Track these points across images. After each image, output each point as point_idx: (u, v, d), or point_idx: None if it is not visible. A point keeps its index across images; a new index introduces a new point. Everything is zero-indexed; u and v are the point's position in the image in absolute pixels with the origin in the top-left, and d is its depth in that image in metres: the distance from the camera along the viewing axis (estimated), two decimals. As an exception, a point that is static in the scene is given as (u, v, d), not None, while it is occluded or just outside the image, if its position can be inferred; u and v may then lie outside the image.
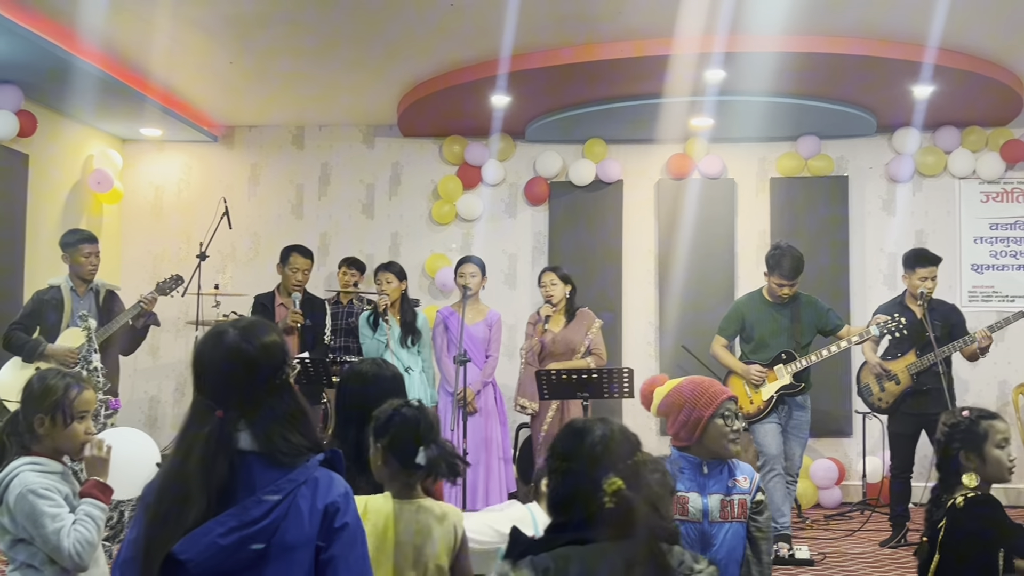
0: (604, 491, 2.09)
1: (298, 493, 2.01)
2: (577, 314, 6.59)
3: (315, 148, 8.96)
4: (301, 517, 2.00)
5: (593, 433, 2.23)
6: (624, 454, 2.21)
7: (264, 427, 2.05)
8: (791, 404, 6.14)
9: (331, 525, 2.03)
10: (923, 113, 7.79)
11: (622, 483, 2.09)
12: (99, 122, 8.36)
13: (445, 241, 8.75)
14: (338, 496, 2.06)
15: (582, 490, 2.14)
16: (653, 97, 7.38)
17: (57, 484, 2.97)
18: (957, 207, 8.35)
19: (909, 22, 6.27)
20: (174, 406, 8.83)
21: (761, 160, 8.57)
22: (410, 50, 6.87)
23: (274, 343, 2.13)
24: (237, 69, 7.30)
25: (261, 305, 6.80)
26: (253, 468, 2.03)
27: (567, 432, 2.29)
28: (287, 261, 6.81)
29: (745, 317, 6.34)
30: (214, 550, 1.94)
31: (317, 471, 2.06)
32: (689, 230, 8.40)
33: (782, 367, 6.13)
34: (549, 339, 6.50)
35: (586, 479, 2.14)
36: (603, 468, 2.14)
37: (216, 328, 2.16)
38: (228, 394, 2.07)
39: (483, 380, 6.65)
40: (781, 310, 6.25)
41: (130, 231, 8.98)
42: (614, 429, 2.26)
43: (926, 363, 6.21)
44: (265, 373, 2.09)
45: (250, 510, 1.97)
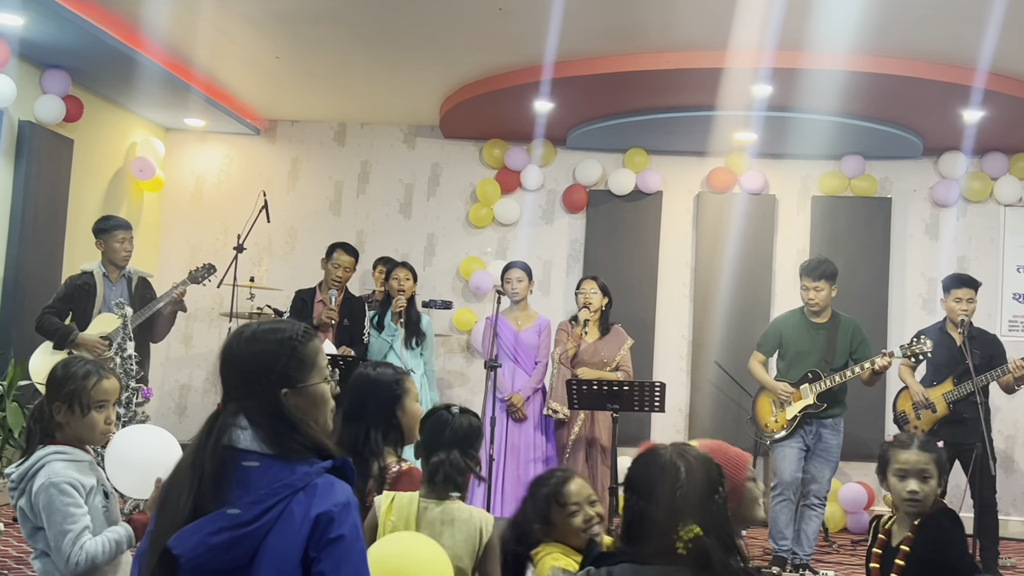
0: (680, 536, 2.04)
1: (294, 499, 1.95)
2: (612, 330, 6.56)
3: (356, 145, 8.98)
4: (293, 523, 1.94)
5: (673, 475, 2.13)
6: (705, 495, 2.12)
7: (258, 426, 2.01)
8: (820, 427, 6.07)
9: (324, 536, 1.95)
10: (971, 138, 7.67)
11: (699, 530, 2.04)
12: (144, 110, 8.44)
13: (481, 244, 8.73)
14: (334, 506, 1.97)
15: (656, 531, 2.08)
16: (698, 109, 7.33)
17: (82, 477, 2.94)
18: (1001, 234, 8.21)
19: (960, 45, 6.17)
20: (204, 395, 8.88)
21: (804, 178, 8.48)
22: (456, 52, 6.86)
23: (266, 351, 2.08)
24: (283, 64, 7.33)
25: (300, 300, 6.83)
26: (253, 468, 1.99)
27: (647, 465, 2.20)
28: (331, 257, 6.84)
29: (783, 334, 6.31)
30: (203, 548, 1.91)
31: (320, 477, 2.00)
32: (727, 245, 8.32)
33: (807, 387, 6.09)
34: (583, 348, 6.47)
35: (661, 522, 2.08)
36: (681, 514, 2.07)
37: (241, 326, 2.17)
38: (228, 388, 2.08)
39: (533, 386, 6.63)
40: (818, 329, 6.19)
41: (169, 220, 9.04)
42: (695, 468, 2.15)
43: (963, 392, 6.11)
44: (250, 375, 2.05)
45: (242, 511, 1.93)
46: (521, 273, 6.74)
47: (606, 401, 5.83)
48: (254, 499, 1.95)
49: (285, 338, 2.10)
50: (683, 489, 2.10)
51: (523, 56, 6.84)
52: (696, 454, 2.20)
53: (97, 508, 2.96)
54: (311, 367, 2.11)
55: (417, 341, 6.63)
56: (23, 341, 6.40)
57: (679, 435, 8.35)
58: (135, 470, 3.10)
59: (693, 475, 2.13)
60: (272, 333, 2.11)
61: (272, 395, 2.05)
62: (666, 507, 2.09)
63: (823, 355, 6.14)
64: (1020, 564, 6.72)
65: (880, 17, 5.74)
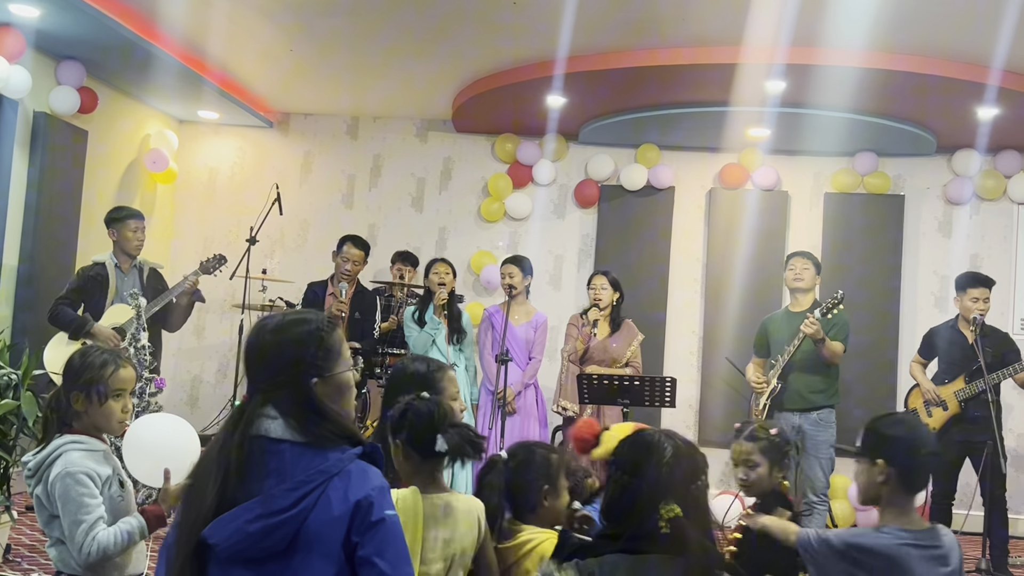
0: (661, 515, 2.09)
1: (330, 485, 1.98)
2: (623, 325, 6.55)
3: (368, 139, 8.99)
4: (330, 509, 1.97)
5: (661, 452, 2.19)
6: (688, 478, 2.18)
7: (289, 415, 2.04)
8: (805, 423, 6.06)
9: (365, 520, 1.98)
10: (985, 135, 7.64)
11: (680, 511, 2.09)
12: (158, 102, 8.46)
13: (492, 239, 8.74)
14: (372, 490, 2.01)
15: (639, 508, 2.13)
16: (711, 105, 7.32)
17: (98, 467, 2.96)
18: (1015, 233, 8.19)
19: (975, 43, 6.15)
20: (216, 387, 8.92)
21: (816, 174, 8.46)
22: (469, 46, 6.87)
23: (295, 337, 2.10)
24: (296, 57, 7.34)
25: (312, 293, 6.86)
26: (285, 456, 2.02)
27: (634, 443, 2.26)
28: (340, 250, 6.87)
29: (768, 331, 6.38)
30: (240, 536, 1.94)
31: (352, 463, 2.03)
32: (739, 241, 8.32)
33: (771, 373, 6.14)
34: (593, 344, 6.47)
35: (645, 499, 2.13)
36: (664, 491, 2.12)
37: (265, 316, 2.21)
38: (254, 379, 2.11)
39: (524, 382, 6.64)
40: (794, 318, 6.21)
41: (182, 212, 9.08)
42: (682, 450, 2.21)
43: (975, 390, 6.10)
44: (278, 366, 2.08)
45: (278, 499, 1.96)
46: (514, 268, 6.73)
47: (616, 396, 5.83)
48: (290, 486, 1.97)
49: (313, 328, 2.13)
50: (668, 467, 2.17)
51: (536, 50, 6.84)
52: (684, 440, 2.27)
53: (113, 498, 2.98)
54: (337, 356, 2.15)
55: (459, 337, 6.63)
56: (37, 331, 6.43)
57: (688, 431, 8.35)
58: (153, 458, 3.11)
59: (679, 457, 2.20)
60: (299, 324, 2.13)
61: (303, 384, 2.07)
62: (651, 483, 2.15)
63: (789, 339, 6.14)
64: (1030, 563, 6.70)
65: (894, 14, 5.72)
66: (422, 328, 6.58)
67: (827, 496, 6.11)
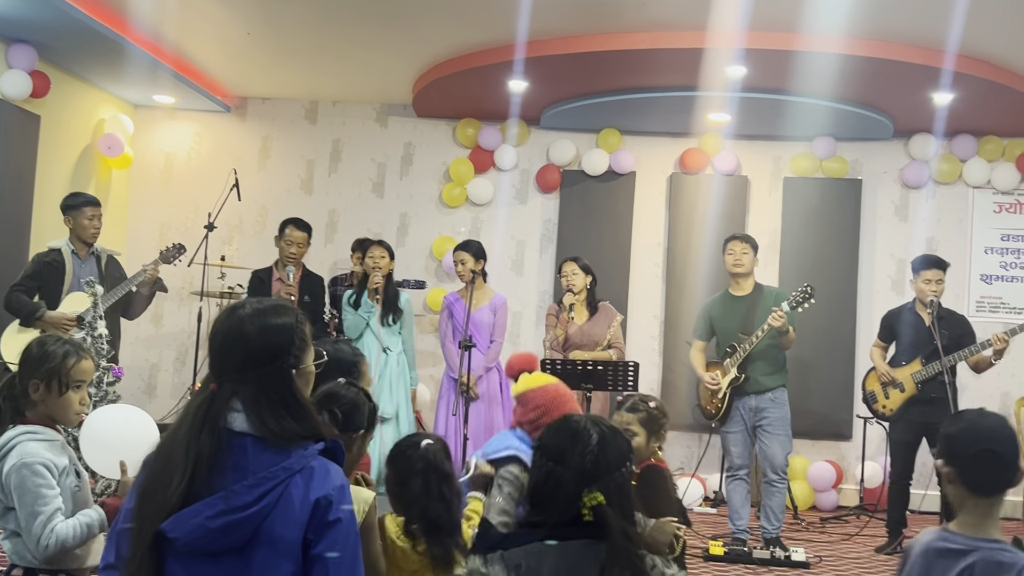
0: (584, 503, 2.09)
1: (291, 482, 1.96)
2: (600, 308, 6.57)
3: (327, 124, 8.91)
4: (292, 507, 1.95)
5: (586, 441, 2.18)
6: (612, 466, 2.18)
7: (257, 409, 2.01)
8: (758, 402, 6.12)
9: (323, 519, 1.97)
10: (941, 120, 7.74)
11: (603, 499, 2.09)
12: (112, 86, 8.31)
13: (454, 224, 8.71)
14: (332, 489, 1.99)
15: (562, 494, 2.13)
16: (672, 90, 7.34)
17: (54, 458, 2.91)
18: (970, 216, 8.31)
19: (931, 28, 6.21)
20: (174, 375, 8.82)
21: (776, 159, 8.52)
22: (429, 30, 6.81)
23: (279, 329, 2.07)
24: (254, 40, 7.24)
25: (258, 279, 6.74)
26: (248, 450, 1.99)
27: (560, 431, 2.25)
28: (283, 233, 6.77)
29: (711, 315, 6.41)
30: (202, 532, 1.92)
31: (315, 460, 2.01)
32: (700, 225, 8.36)
33: (728, 361, 6.17)
34: (573, 330, 6.47)
35: (569, 485, 2.13)
36: (587, 479, 2.12)
37: (235, 302, 2.15)
38: (223, 369, 2.05)
39: (486, 365, 6.62)
40: (739, 302, 6.27)
41: (138, 198, 8.94)
42: (608, 437, 2.21)
43: (931, 372, 6.18)
44: (260, 356, 2.04)
45: (240, 495, 1.93)
46: (463, 254, 6.71)
47: (580, 380, 5.83)
48: (252, 483, 1.95)
49: (293, 318, 2.11)
50: (593, 455, 2.16)
51: (497, 35, 6.81)
52: (610, 426, 2.26)
53: (69, 488, 2.94)
54: (309, 348, 2.13)
55: (394, 318, 6.59)
56: (-10, 319, 6.31)
57: (651, 414, 8.40)
58: (111, 449, 3.07)
59: (604, 444, 2.19)
60: (280, 313, 2.10)
61: (282, 375, 2.05)
62: (575, 471, 2.14)
63: (741, 326, 6.19)
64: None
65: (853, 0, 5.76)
66: (356, 311, 6.56)
67: (786, 474, 6.18)
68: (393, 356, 6.51)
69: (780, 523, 6.13)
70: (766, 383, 6.13)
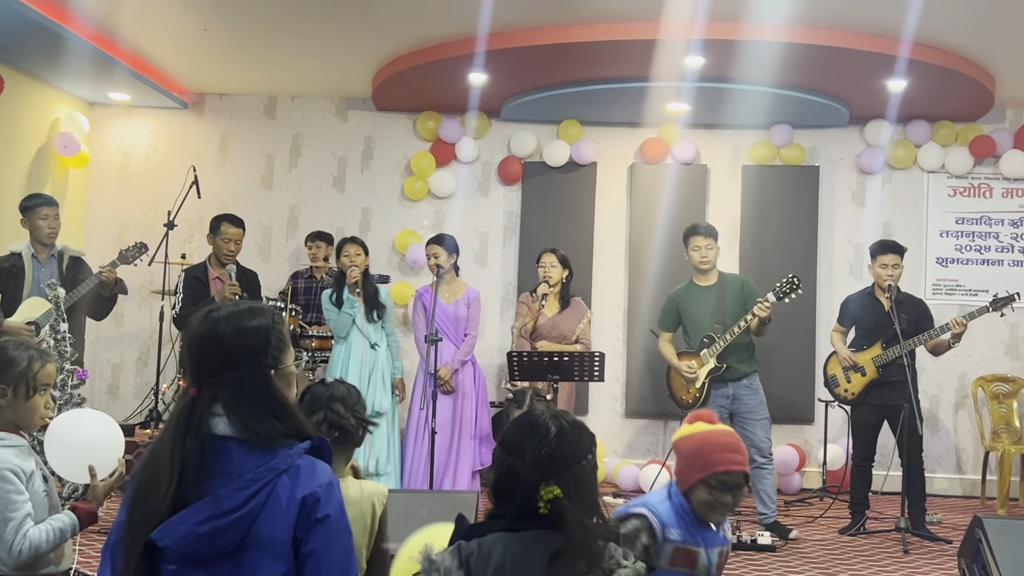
0: (541, 496, 2.11)
1: (278, 482, 1.97)
2: (572, 303, 6.61)
3: (287, 119, 8.85)
4: (280, 507, 1.96)
5: (543, 434, 2.19)
6: (570, 459, 2.18)
7: (238, 411, 2.01)
8: (735, 388, 6.21)
9: (310, 517, 1.97)
10: (896, 106, 7.85)
11: (559, 492, 2.11)
12: (67, 85, 8.20)
13: (417, 218, 8.70)
14: (319, 486, 2.00)
15: (521, 488, 2.15)
16: (631, 81, 7.37)
17: (21, 463, 2.89)
18: (925, 200, 8.44)
19: (885, 16, 6.30)
20: (136, 375, 8.74)
21: (734, 147, 8.60)
22: (388, 24, 6.79)
23: (256, 330, 2.07)
24: (210, 36, 7.18)
25: (194, 279, 6.52)
26: (232, 454, 1.99)
27: (519, 425, 2.26)
28: (218, 231, 6.56)
29: (678, 306, 6.46)
30: (191, 538, 1.92)
31: (301, 459, 2.01)
32: (661, 214, 8.42)
33: (706, 352, 6.24)
34: (543, 321, 6.50)
35: (527, 479, 2.15)
36: (545, 473, 2.14)
37: (211, 306, 2.14)
38: (201, 373, 2.05)
39: (460, 359, 6.64)
40: (707, 292, 6.36)
41: (95, 197, 8.83)
42: (566, 431, 2.21)
43: (892, 356, 6.29)
44: (237, 357, 2.04)
45: (227, 499, 1.93)
46: (436, 248, 6.72)
47: (547, 372, 5.88)
48: (238, 485, 1.95)
49: (270, 319, 2.11)
50: (549, 449, 2.17)
51: (457, 28, 6.80)
52: (571, 420, 2.27)
53: (38, 493, 2.92)
54: (287, 347, 2.14)
55: (379, 314, 6.59)
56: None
57: (616, 403, 8.48)
58: (76, 454, 3.05)
59: (563, 437, 2.19)
60: (256, 315, 2.10)
61: (262, 376, 2.05)
62: (531, 464, 2.16)
63: (714, 316, 6.28)
64: (946, 519, 6.97)
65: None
66: (340, 309, 6.54)
67: (771, 455, 6.28)
68: (381, 351, 6.51)
69: (775, 505, 6.25)
70: (742, 369, 6.24)
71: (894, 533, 6.22)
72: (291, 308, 7.47)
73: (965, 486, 8.19)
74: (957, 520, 6.97)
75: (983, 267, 8.35)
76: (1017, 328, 8.18)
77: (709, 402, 6.23)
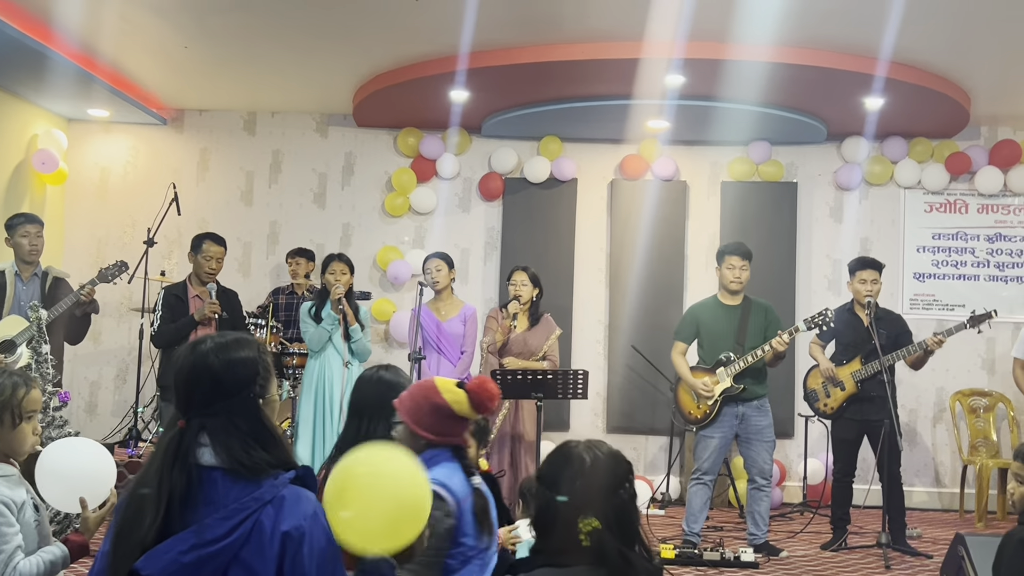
0: (580, 529, 2.09)
1: (262, 512, 1.97)
2: (541, 319, 6.61)
3: (267, 135, 8.83)
4: (264, 538, 1.96)
5: (577, 465, 2.18)
6: (607, 489, 2.16)
7: (225, 442, 2.02)
8: (746, 408, 6.24)
9: (297, 552, 1.98)
10: (873, 123, 7.95)
11: (599, 523, 2.09)
12: (45, 101, 8.15)
13: (398, 233, 8.70)
14: (304, 519, 2.00)
15: (561, 521, 2.13)
16: (611, 99, 7.43)
17: (12, 493, 2.84)
18: (902, 216, 8.53)
19: (863, 36, 6.38)
20: (114, 393, 8.67)
21: (713, 164, 8.66)
22: (370, 42, 6.81)
23: (245, 361, 2.09)
24: (191, 53, 7.17)
25: (174, 297, 6.46)
26: (218, 484, 2.00)
27: (555, 457, 2.25)
28: (200, 249, 6.51)
29: (699, 320, 6.45)
30: (175, 567, 1.92)
31: (285, 489, 2.02)
32: (641, 230, 8.47)
33: (723, 370, 6.25)
34: (513, 337, 6.51)
35: (564, 512, 2.13)
36: (582, 505, 2.12)
37: (198, 338, 2.15)
38: (190, 405, 2.06)
39: (458, 376, 6.63)
40: (731, 312, 6.36)
41: (74, 213, 8.77)
42: (600, 461, 2.19)
43: (871, 370, 6.34)
44: (228, 388, 2.06)
45: (212, 528, 1.94)
46: (440, 263, 6.73)
47: (531, 389, 5.89)
48: (223, 515, 1.96)
49: (255, 350, 2.13)
50: (584, 480, 2.15)
51: (438, 46, 6.83)
52: (606, 449, 2.24)
53: (29, 524, 2.88)
54: (273, 377, 2.15)
55: (357, 330, 6.56)
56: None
57: (597, 418, 8.49)
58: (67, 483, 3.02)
59: (597, 468, 2.17)
60: (242, 346, 2.12)
61: (251, 406, 2.07)
62: (568, 493, 2.14)
63: (736, 337, 6.30)
64: (925, 533, 7.03)
65: (789, 9, 5.89)
66: (319, 324, 6.51)
67: (771, 478, 6.30)
68: (355, 369, 6.48)
69: (767, 527, 6.27)
70: (756, 391, 6.26)
71: (875, 548, 6.26)
72: (272, 325, 7.44)
73: (943, 499, 8.26)
74: (937, 534, 7.03)
75: (959, 282, 8.45)
76: (994, 343, 8.27)
77: (719, 420, 6.24)
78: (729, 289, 6.38)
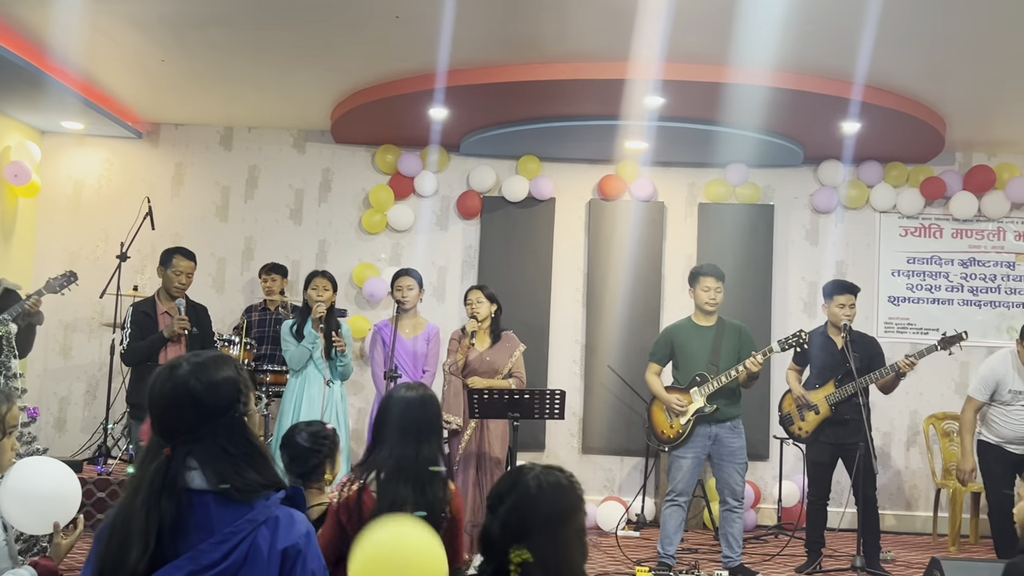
0: (510, 559, 2.01)
1: (258, 533, 1.95)
2: (503, 336, 6.57)
3: (243, 150, 8.78)
4: (261, 559, 1.94)
5: (521, 491, 2.08)
6: (547, 520, 2.04)
7: (215, 465, 1.99)
8: (719, 430, 6.22)
9: (294, 569, 1.98)
10: (849, 147, 8.02)
11: (529, 556, 1.99)
12: (18, 113, 8.06)
13: (374, 251, 8.65)
14: (299, 538, 2.00)
15: (497, 547, 2.07)
16: (590, 119, 7.43)
17: None
18: (877, 240, 8.58)
19: (840, 60, 6.42)
20: (84, 408, 8.55)
21: (691, 185, 8.68)
22: (349, 59, 6.78)
23: (226, 380, 2.06)
24: (167, 67, 7.11)
25: (142, 314, 6.32)
26: (210, 508, 1.96)
27: (505, 479, 2.18)
28: (169, 264, 6.37)
29: (673, 341, 6.44)
30: None
31: (278, 509, 2.00)
32: (618, 251, 8.47)
33: (696, 389, 6.24)
34: (474, 356, 6.47)
35: (498, 538, 2.07)
36: (518, 531, 2.03)
37: (171, 361, 2.11)
38: (175, 431, 2.02)
39: None
40: (706, 333, 6.35)
41: (46, 227, 8.67)
42: (545, 491, 2.08)
43: (845, 394, 6.35)
44: (213, 410, 2.02)
45: (207, 553, 1.91)
46: (411, 281, 6.68)
47: (507, 409, 5.85)
48: (218, 539, 1.93)
49: (233, 369, 2.10)
50: (521, 511, 2.06)
51: (417, 63, 6.81)
52: (555, 479, 2.11)
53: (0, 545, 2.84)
54: (251, 392, 2.12)
55: (337, 350, 6.48)
56: None
57: (573, 438, 8.46)
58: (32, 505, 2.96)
59: (540, 497, 2.07)
60: (222, 365, 2.09)
61: (237, 425, 2.04)
62: (501, 524, 2.07)
63: (710, 358, 6.30)
64: (899, 557, 7.03)
65: (768, 33, 5.92)
66: (300, 343, 6.43)
67: (743, 500, 6.28)
68: (336, 388, 6.41)
69: (741, 550, 6.23)
70: (729, 412, 6.25)
71: (850, 571, 6.25)
72: (246, 342, 7.36)
73: (917, 523, 8.28)
74: (911, 558, 7.03)
75: (934, 306, 8.50)
76: (967, 367, 8.31)
77: (691, 440, 6.22)
78: (704, 310, 6.38)
